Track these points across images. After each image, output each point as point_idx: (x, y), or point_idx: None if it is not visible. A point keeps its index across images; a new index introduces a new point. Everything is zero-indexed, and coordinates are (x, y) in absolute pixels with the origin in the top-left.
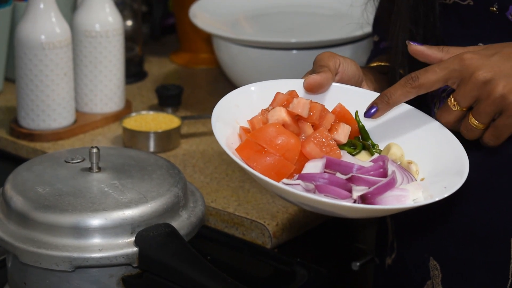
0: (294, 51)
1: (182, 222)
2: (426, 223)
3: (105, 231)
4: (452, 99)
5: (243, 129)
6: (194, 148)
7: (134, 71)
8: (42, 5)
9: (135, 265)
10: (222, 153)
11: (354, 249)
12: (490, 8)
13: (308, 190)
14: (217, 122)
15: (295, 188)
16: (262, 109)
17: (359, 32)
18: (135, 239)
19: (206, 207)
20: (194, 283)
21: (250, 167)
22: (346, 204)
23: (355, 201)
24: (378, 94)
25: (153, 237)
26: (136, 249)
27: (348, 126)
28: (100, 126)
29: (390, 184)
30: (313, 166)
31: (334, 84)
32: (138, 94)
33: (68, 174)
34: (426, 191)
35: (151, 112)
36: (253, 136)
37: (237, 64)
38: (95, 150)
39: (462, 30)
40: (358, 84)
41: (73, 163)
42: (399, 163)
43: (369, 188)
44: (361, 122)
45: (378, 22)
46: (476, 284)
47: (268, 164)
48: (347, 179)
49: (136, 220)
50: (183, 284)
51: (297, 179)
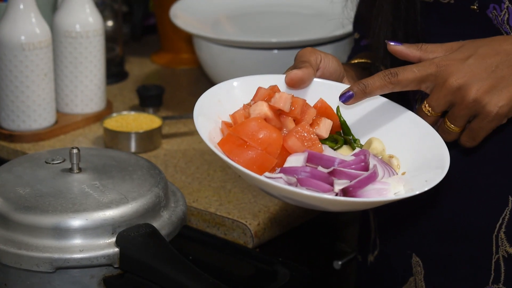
0: (275, 51)
1: (163, 222)
2: (409, 220)
3: (86, 232)
4: (427, 105)
5: (225, 124)
6: (176, 148)
7: (115, 72)
8: (22, 6)
9: (116, 266)
10: (204, 153)
11: (336, 248)
12: (471, 7)
13: (290, 184)
14: (199, 117)
15: (277, 182)
16: (244, 104)
17: (340, 32)
18: (116, 240)
19: (188, 207)
20: (176, 283)
21: (233, 161)
22: (328, 197)
23: (337, 194)
24: None
25: (134, 238)
26: (117, 250)
27: (330, 121)
28: (81, 127)
29: (372, 178)
30: (295, 160)
31: (316, 80)
32: (119, 95)
33: (49, 175)
34: (408, 185)
35: (132, 113)
36: (235, 130)
37: (218, 64)
38: (76, 151)
39: (443, 28)
40: (339, 80)
41: (54, 164)
42: (381, 158)
43: (351, 182)
44: (343, 117)
45: (359, 20)
46: (459, 280)
47: (250, 158)
48: (329, 173)
49: (117, 221)
50: (164, 285)
51: (279, 173)
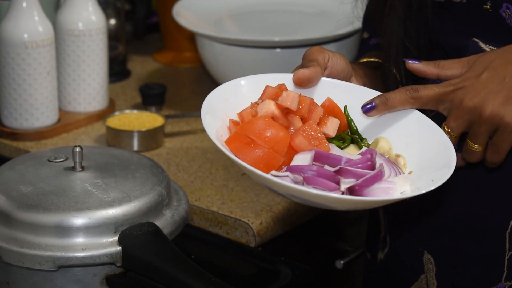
0: (278, 50)
1: (166, 221)
2: (420, 217)
3: (89, 230)
4: (445, 127)
5: (233, 122)
6: (178, 147)
7: (118, 70)
8: (25, 4)
9: (119, 264)
10: (206, 152)
11: (338, 247)
12: (484, 6)
13: (297, 182)
14: (207, 115)
15: (284, 180)
16: (252, 103)
17: (343, 31)
18: (119, 238)
19: (190, 206)
20: (178, 282)
21: (239, 159)
22: (334, 196)
23: (343, 193)
24: (368, 89)
25: (137, 236)
26: (120, 248)
27: (337, 120)
28: (84, 125)
29: (378, 177)
30: (302, 159)
31: (323, 79)
32: (122, 93)
33: (51, 173)
34: (414, 184)
35: (135, 111)
36: (242, 129)
37: (221, 63)
38: (78, 149)
39: (456, 27)
40: (347, 79)
41: (56, 162)
42: (387, 157)
43: (357, 181)
44: (350, 116)
45: (368, 19)
46: (471, 278)
47: (257, 157)
48: (335, 172)
49: (120, 219)
50: (167, 283)
51: (286, 171)
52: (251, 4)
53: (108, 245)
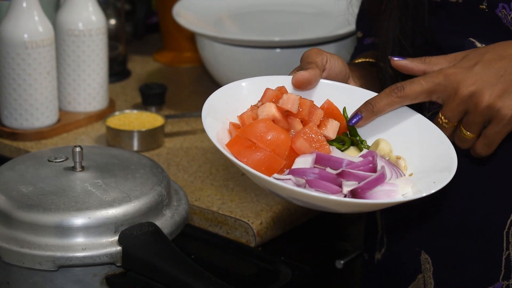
0: (278, 50)
1: (166, 221)
2: (417, 217)
3: (89, 230)
4: (442, 117)
5: (233, 125)
6: (178, 147)
7: (118, 70)
8: (25, 4)
9: (119, 264)
10: (206, 152)
11: (338, 247)
12: (480, 6)
13: (299, 185)
14: (207, 118)
15: (286, 183)
16: (252, 105)
17: (343, 31)
18: (119, 238)
19: (190, 206)
20: (178, 282)
21: (241, 163)
22: (338, 199)
23: (346, 196)
24: (366, 91)
25: (137, 236)
26: (120, 248)
27: (337, 122)
28: (84, 125)
29: (380, 179)
30: (303, 161)
31: (322, 81)
32: (122, 93)
33: (51, 173)
34: (415, 186)
35: (135, 111)
36: (243, 132)
37: (221, 63)
38: (78, 149)
39: (452, 27)
40: (345, 81)
41: (56, 162)
42: (388, 159)
43: (359, 183)
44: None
45: (362, 18)
46: (468, 277)
47: (259, 160)
48: (337, 174)
49: (120, 219)
50: (167, 283)
51: (288, 174)
52: (251, 4)
53: (108, 245)
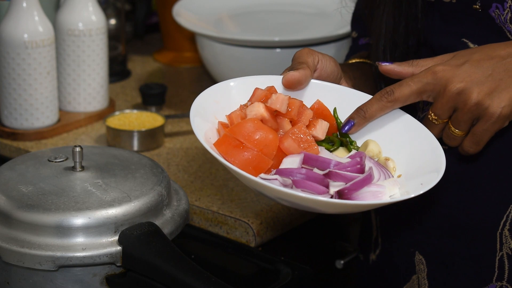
0: (278, 50)
1: (166, 221)
2: (412, 218)
3: (89, 230)
4: (432, 114)
5: (222, 124)
6: (178, 147)
7: (118, 70)
8: (25, 4)
9: (119, 264)
10: (206, 152)
11: (338, 247)
12: (473, 6)
13: (286, 185)
14: (196, 117)
15: (273, 183)
16: (241, 105)
17: (343, 31)
18: (119, 238)
19: (190, 206)
20: (178, 282)
21: (228, 162)
22: (323, 199)
23: (332, 197)
24: (357, 92)
25: (137, 236)
26: (120, 248)
27: (326, 123)
28: (84, 125)
29: (367, 180)
30: (291, 162)
31: (313, 81)
32: (122, 93)
33: (51, 173)
34: (403, 188)
35: (135, 111)
36: (231, 131)
37: (221, 63)
38: (78, 149)
39: (445, 27)
40: (337, 81)
41: (56, 162)
42: (377, 160)
43: (346, 184)
44: (339, 119)
45: (357, 19)
46: (462, 278)
47: (246, 159)
48: (324, 175)
49: (120, 219)
50: (167, 283)
51: (275, 174)
52: (251, 4)
53: (108, 245)
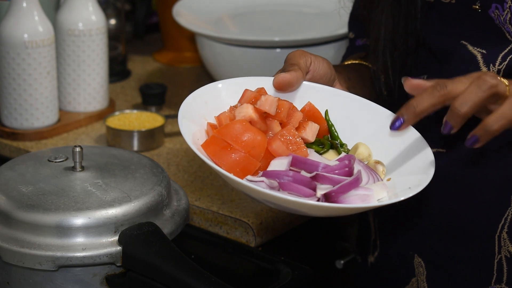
0: (278, 50)
1: (166, 221)
2: (410, 221)
3: (89, 230)
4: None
5: (211, 126)
6: (178, 147)
7: (118, 70)
8: (25, 4)
9: (119, 264)
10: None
11: (338, 247)
12: (473, 6)
13: (272, 188)
14: (184, 119)
15: (259, 185)
16: (231, 106)
17: (343, 31)
18: (119, 238)
19: (190, 206)
20: (178, 282)
21: (215, 164)
22: (309, 202)
23: (319, 199)
24: (349, 94)
25: (137, 236)
26: (120, 248)
27: (316, 125)
28: (84, 125)
29: (354, 183)
30: (279, 164)
31: (305, 83)
32: (122, 93)
33: (51, 173)
34: (392, 191)
35: (135, 111)
36: (219, 133)
37: (221, 63)
38: (78, 149)
39: (444, 28)
40: (330, 83)
41: (56, 162)
42: (366, 163)
43: (333, 187)
44: (331, 121)
45: (354, 19)
46: (461, 281)
47: (233, 161)
48: (312, 177)
49: (120, 219)
50: (167, 283)
51: (262, 176)
52: (251, 4)
53: (108, 245)
